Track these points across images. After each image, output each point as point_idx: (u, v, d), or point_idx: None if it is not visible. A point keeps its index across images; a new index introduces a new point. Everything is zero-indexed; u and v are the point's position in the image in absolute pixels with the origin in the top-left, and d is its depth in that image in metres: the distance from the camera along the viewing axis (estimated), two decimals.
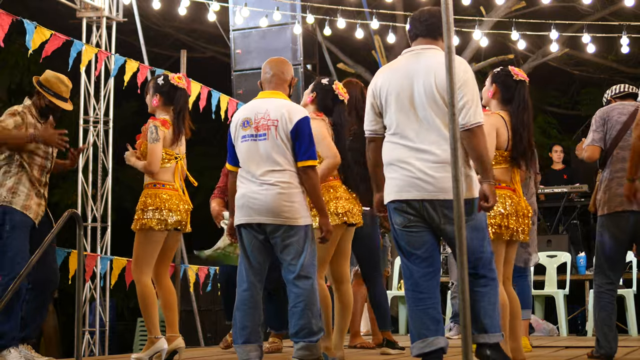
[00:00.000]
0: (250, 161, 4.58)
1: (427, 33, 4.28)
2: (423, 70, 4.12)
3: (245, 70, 11.51)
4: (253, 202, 4.53)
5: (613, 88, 5.75)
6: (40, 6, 13.17)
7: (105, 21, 9.56)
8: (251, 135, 4.59)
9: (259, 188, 4.52)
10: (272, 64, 4.82)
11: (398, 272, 9.68)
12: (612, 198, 5.27)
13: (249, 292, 4.56)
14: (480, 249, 4.11)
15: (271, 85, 4.76)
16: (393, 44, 12.90)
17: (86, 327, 9.21)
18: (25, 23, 6.40)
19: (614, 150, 5.32)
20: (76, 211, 4.92)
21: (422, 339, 4.03)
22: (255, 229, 4.56)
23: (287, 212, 4.50)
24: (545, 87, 15.78)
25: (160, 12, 12.98)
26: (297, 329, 4.50)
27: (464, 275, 3.60)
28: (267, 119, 4.58)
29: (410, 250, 4.12)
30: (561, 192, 10.09)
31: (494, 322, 4.07)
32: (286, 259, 4.54)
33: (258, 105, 4.68)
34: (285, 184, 4.53)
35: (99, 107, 9.42)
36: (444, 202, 4.00)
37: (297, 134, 4.56)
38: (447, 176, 3.91)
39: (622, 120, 5.35)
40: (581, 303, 9.34)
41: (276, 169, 4.53)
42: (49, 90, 5.51)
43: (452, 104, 3.65)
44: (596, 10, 13.25)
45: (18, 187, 5.36)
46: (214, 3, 10.97)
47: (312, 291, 4.51)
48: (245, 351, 4.53)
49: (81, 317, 4.85)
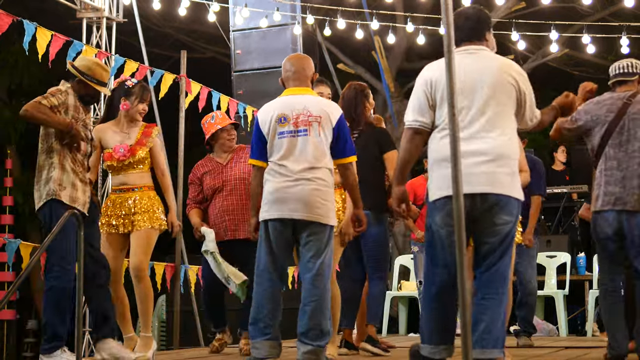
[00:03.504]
0: (287, 157, 4.58)
1: (471, 36, 4.27)
2: (485, 69, 4.13)
3: (245, 71, 11.52)
4: (287, 197, 4.53)
5: (611, 68, 5.55)
6: (40, 6, 13.18)
7: (106, 22, 9.57)
8: (290, 131, 4.59)
9: (294, 183, 4.53)
10: (293, 61, 4.83)
11: (398, 272, 9.68)
12: (601, 195, 5.26)
13: (272, 290, 4.57)
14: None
15: (296, 82, 4.76)
16: (393, 44, 12.92)
17: (86, 327, 9.20)
18: (25, 24, 6.40)
19: (605, 148, 5.28)
20: (76, 211, 4.91)
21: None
22: (285, 224, 4.55)
23: (320, 209, 4.52)
24: (545, 87, 15.77)
25: (160, 13, 12.98)
26: (306, 328, 4.49)
27: (464, 277, 3.60)
28: (307, 115, 4.59)
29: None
30: (561, 192, 10.10)
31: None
32: (306, 256, 4.55)
33: (292, 101, 4.67)
34: (322, 182, 4.56)
35: (99, 107, 9.42)
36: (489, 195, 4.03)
37: (339, 131, 4.62)
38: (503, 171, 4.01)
39: (610, 118, 5.27)
40: (581, 303, 9.34)
41: (315, 165, 4.56)
42: (93, 78, 5.32)
43: (452, 104, 3.65)
44: (596, 10, 13.26)
45: (63, 179, 5.11)
46: (214, 4, 10.98)
47: (326, 292, 4.52)
48: (267, 347, 4.52)
49: (81, 317, 4.85)
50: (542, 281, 8.83)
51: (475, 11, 4.36)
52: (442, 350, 4.09)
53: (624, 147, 5.23)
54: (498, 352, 3.97)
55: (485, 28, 4.31)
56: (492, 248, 4.05)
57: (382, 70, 13.21)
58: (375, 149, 5.89)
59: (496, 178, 4.00)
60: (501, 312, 4.02)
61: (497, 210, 4.00)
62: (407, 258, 9.71)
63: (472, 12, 4.34)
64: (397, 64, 14.08)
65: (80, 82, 5.26)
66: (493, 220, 4.00)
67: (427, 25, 11.94)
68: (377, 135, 5.97)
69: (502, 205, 4.00)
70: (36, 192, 5.13)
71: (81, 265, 4.78)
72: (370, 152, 5.84)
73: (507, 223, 4.02)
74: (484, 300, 4.03)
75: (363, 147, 5.76)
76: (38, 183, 5.12)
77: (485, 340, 3.96)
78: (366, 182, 5.71)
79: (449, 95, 3.66)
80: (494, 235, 4.03)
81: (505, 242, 4.05)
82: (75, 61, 5.36)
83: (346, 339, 5.97)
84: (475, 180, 3.94)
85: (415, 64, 15.09)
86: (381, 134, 6.06)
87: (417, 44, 12.27)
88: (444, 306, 4.09)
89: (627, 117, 5.24)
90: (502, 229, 4.02)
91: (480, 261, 4.10)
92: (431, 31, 11.88)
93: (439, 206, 4.05)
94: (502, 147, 4.05)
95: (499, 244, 4.04)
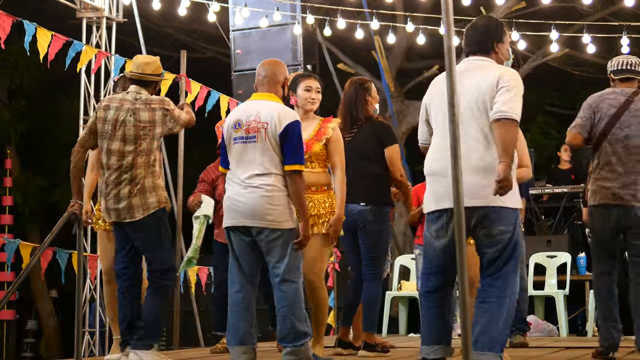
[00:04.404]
0: (238, 164, 4.58)
1: (477, 49, 4.27)
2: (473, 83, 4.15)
3: (245, 71, 11.51)
4: (237, 204, 4.53)
5: (615, 62, 5.52)
6: (40, 6, 13.17)
7: (105, 21, 9.56)
8: (242, 137, 4.57)
9: (244, 191, 4.52)
10: (265, 66, 4.82)
11: (398, 272, 9.67)
12: (598, 190, 5.28)
13: (241, 294, 4.57)
14: None
15: (264, 87, 4.75)
16: (393, 44, 12.92)
17: (86, 327, 9.21)
18: (25, 24, 6.40)
19: (603, 143, 5.29)
20: (76, 211, 4.91)
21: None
22: (241, 231, 4.56)
23: (270, 215, 4.48)
24: (545, 87, 15.80)
25: (160, 13, 12.98)
26: (283, 334, 4.51)
27: (464, 278, 3.60)
28: (257, 122, 4.56)
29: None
30: (562, 192, 10.09)
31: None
32: (270, 262, 4.55)
33: (250, 108, 4.66)
34: (269, 187, 4.50)
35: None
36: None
37: (285, 138, 4.53)
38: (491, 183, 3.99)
39: (611, 112, 5.27)
40: (581, 303, 9.33)
41: (262, 172, 4.51)
42: (161, 75, 5.39)
43: (451, 104, 3.65)
44: (596, 10, 13.25)
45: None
46: (214, 3, 10.97)
47: (295, 295, 4.50)
48: (238, 352, 4.53)
49: (81, 318, 4.85)
50: (543, 281, 8.83)
51: (484, 21, 4.36)
52: (438, 350, 4.10)
53: (623, 143, 5.25)
54: (493, 355, 3.96)
55: (494, 39, 4.28)
56: (493, 257, 4.08)
57: (382, 70, 13.21)
58: (374, 143, 5.76)
59: (485, 191, 3.99)
60: (500, 315, 4.01)
61: (490, 222, 4.03)
62: (407, 258, 9.70)
63: (480, 24, 4.33)
64: (397, 64, 14.08)
65: (158, 82, 5.36)
66: (490, 232, 4.05)
67: (427, 25, 11.93)
68: (376, 129, 5.83)
69: (494, 218, 4.02)
70: (137, 200, 5.12)
71: (81, 266, 4.78)
72: (368, 145, 5.72)
73: (504, 233, 4.04)
74: (484, 303, 4.05)
75: (362, 141, 5.70)
76: (143, 192, 5.13)
77: (479, 342, 3.96)
78: (365, 176, 5.67)
79: (449, 95, 3.66)
80: (493, 245, 4.06)
81: (506, 250, 4.06)
82: (135, 68, 5.29)
83: (341, 338, 5.94)
84: (466, 193, 3.89)
85: (415, 64, 15.13)
86: (381, 127, 5.88)
87: (417, 44, 12.26)
88: (438, 306, 4.14)
89: (629, 113, 5.25)
90: (501, 238, 4.05)
91: (484, 269, 4.14)
92: (431, 31, 11.87)
93: (432, 219, 4.16)
94: (490, 159, 4.03)
95: (500, 253, 4.06)
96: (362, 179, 5.66)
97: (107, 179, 5.15)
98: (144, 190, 5.10)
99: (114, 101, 5.20)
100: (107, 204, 5.17)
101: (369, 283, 5.79)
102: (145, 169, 5.11)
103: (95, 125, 5.18)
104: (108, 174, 5.14)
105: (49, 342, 15.46)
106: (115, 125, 5.10)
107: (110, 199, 5.13)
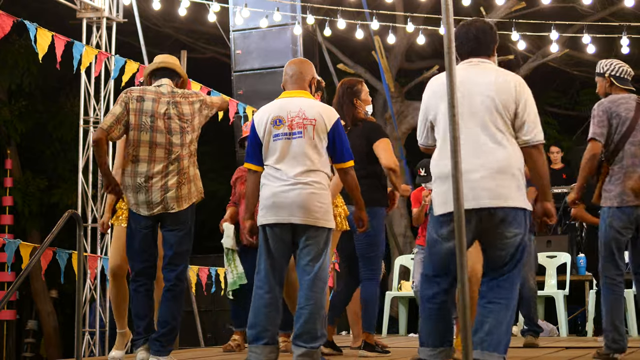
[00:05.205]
0: (281, 160, 4.58)
1: (480, 51, 4.26)
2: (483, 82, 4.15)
3: (245, 71, 11.51)
4: (284, 201, 4.51)
5: (614, 67, 5.68)
6: (40, 6, 13.17)
7: (106, 22, 9.56)
8: (285, 133, 4.58)
9: (290, 187, 4.52)
10: (293, 65, 4.86)
11: (398, 272, 9.68)
12: (625, 191, 5.37)
13: (271, 294, 4.55)
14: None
15: (294, 85, 4.77)
16: (393, 44, 12.92)
17: (86, 327, 9.20)
18: (27, 25, 6.41)
19: (625, 146, 5.40)
20: (76, 212, 4.92)
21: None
22: (283, 229, 4.54)
23: (318, 212, 4.52)
24: (545, 87, 15.78)
25: (160, 13, 12.98)
26: (301, 331, 4.48)
27: (464, 278, 3.60)
28: (302, 118, 4.58)
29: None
30: (561, 192, 10.09)
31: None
32: (304, 259, 4.53)
33: (288, 104, 4.67)
34: (319, 185, 4.55)
35: (99, 107, 9.42)
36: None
37: (334, 135, 4.61)
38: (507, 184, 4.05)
39: (630, 116, 5.43)
40: (581, 303, 9.35)
41: (311, 168, 4.55)
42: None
43: (452, 105, 3.65)
44: (596, 10, 13.25)
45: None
46: (214, 4, 10.98)
47: (323, 295, 4.51)
48: (265, 352, 4.51)
49: (81, 318, 4.86)
50: (542, 281, 8.83)
51: (483, 24, 4.34)
52: (440, 352, 4.08)
53: None
54: (498, 356, 3.96)
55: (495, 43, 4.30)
56: (504, 259, 4.07)
57: (382, 70, 13.21)
58: (363, 144, 5.75)
59: (501, 192, 4.00)
60: (506, 317, 4.02)
61: (507, 224, 4.02)
62: (407, 258, 9.72)
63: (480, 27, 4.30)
64: (397, 64, 14.09)
65: (184, 80, 5.38)
66: (504, 233, 4.04)
67: (427, 25, 11.94)
68: (363, 130, 5.83)
69: (510, 219, 4.02)
70: (186, 189, 5.11)
71: (81, 266, 4.79)
72: (358, 148, 5.66)
73: (516, 235, 4.04)
74: (490, 304, 4.04)
75: (352, 145, 5.72)
76: (189, 182, 5.12)
77: (485, 342, 3.95)
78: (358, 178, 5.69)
79: (449, 95, 3.66)
80: (505, 247, 4.05)
81: (517, 253, 4.07)
82: (164, 58, 5.33)
83: (366, 341, 5.89)
84: (480, 194, 3.97)
85: (415, 64, 15.13)
86: (367, 127, 5.88)
87: (417, 44, 12.27)
88: (441, 309, 4.12)
89: None
90: (514, 240, 4.05)
91: (491, 270, 4.12)
92: (431, 31, 11.88)
93: (444, 220, 4.08)
94: (505, 160, 4.04)
95: (511, 256, 4.07)
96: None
97: (149, 171, 5.02)
98: (190, 179, 5.11)
99: (148, 93, 5.11)
100: (148, 196, 5.03)
101: (366, 285, 5.82)
102: (189, 158, 5.13)
103: (126, 116, 5.04)
104: (150, 166, 5.02)
105: (49, 342, 15.44)
106: (156, 117, 5.05)
107: (154, 191, 5.01)
